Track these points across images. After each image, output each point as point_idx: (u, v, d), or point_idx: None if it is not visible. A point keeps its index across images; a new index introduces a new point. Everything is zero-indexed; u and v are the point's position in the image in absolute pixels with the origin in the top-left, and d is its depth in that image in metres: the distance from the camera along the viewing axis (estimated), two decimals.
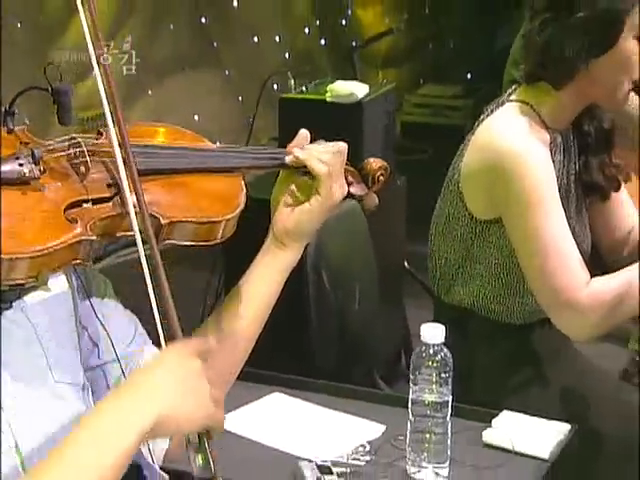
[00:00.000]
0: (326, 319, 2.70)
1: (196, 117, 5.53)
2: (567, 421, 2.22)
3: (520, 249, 2.41)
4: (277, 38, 6.15)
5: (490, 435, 2.16)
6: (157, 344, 1.54)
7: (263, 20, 6.09)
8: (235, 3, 5.85)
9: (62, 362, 1.61)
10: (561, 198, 2.45)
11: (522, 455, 2.12)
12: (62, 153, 1.59)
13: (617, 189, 2.62)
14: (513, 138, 2.40)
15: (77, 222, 1.53)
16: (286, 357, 2.31)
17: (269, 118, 4.47)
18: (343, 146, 1.79)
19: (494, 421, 2.20)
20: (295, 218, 1.77)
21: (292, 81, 4.08)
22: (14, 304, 1.56)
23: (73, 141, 1.59)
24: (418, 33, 7.24)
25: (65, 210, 1.53)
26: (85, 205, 1.56)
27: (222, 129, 5.36)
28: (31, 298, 1.60)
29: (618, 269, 2.48)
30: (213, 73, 5.67)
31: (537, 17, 2.45)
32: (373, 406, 2.29)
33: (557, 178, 2.47)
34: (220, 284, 4.01)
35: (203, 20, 5.74)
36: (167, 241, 1.59)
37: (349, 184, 1.86)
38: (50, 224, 1.53)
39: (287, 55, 6.18)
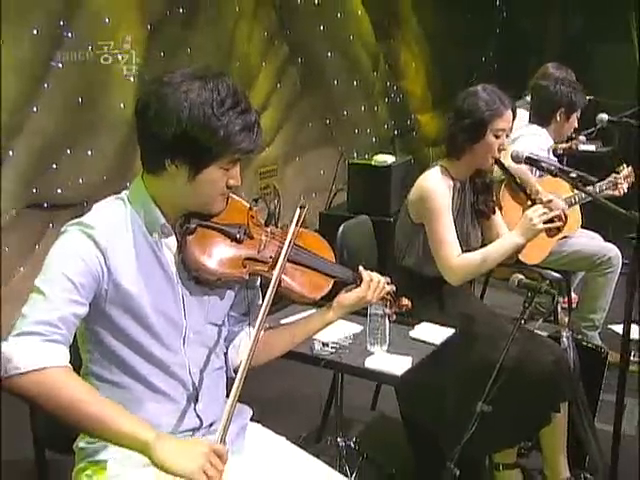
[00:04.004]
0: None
1: (321, 172, 5.51)
2: (454, 327, 2.29)
3: (430, 238, 2.44)
4: (368, 130, 6.08)
5: (414, 333, 2.26)
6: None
7: (361, 121, 6.00)
8: (345, 112, 5.79)
9: (214, 311, 1.63)
10: (458, 216, 2.49)
11: (427, 343, 2.20)
12: (261, 236, 1.63)
13: (494, 213, 2.61)
14: (430, 182, 2.46)
15: (245, 267, 1.58)
16: None
17: None
18: (385, 282, 1.83)
19: (416, 327, 2.30)
20: (343, 296, 1.79)
21: (355, 154, 4.25)
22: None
23: (270, 232, 1.65)
24: None
25: (244, 259, 1.58)
26: (253, 261, 1.60)
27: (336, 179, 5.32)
28: None
29: None
30: (332, 149, 5.65)
31: (450, 121, 2.49)
32: (359, 317, 2.23)
33: (455, 205, 2.48)
34: None
35: (327, 122, 5.71)
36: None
37: (388, 306, 1.93)
38: (232, 263, 1.57)
39: (374, 140, 6.11)
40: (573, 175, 2.16)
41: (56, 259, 1.44)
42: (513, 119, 2.46)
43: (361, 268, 1.82)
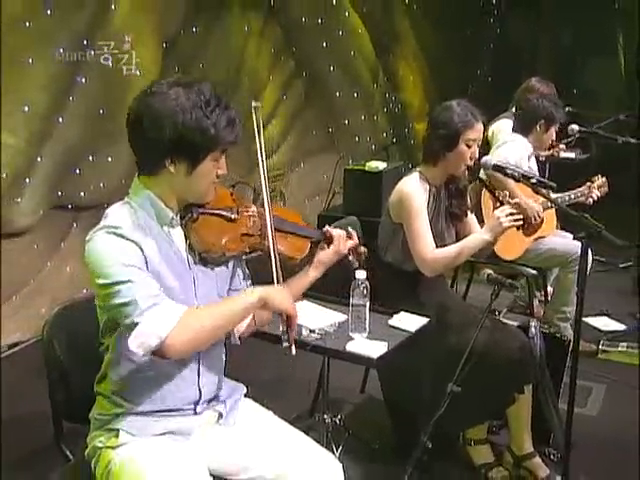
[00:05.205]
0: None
1: (325, 176, 5.48)
2: (431, 316, 2.32)
3: (408, 236, 2.51)
4: (368, 138, 6.11)
5: (392, 321, 2.30)
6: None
7: (361, 129, 6.05)
8: (346, 121, 5.85)
9: (220, 287, 1.74)
10: (433, 218, 2.54)
11: (403, 330, 2.24)
12: (247, 213, 1.75)
13: (466, 216, 2.68)
14: (408, 186, 2.53)
15: (243, 242, 1.71)
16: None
17: None
18: (352, 233, 1.93)
19: (395, 316, 2.33)
20: (323, 253, 1.89)
21: (351, 160, 4.28)
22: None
23: (255, 211, 1.75)
24: None
25: (241, 235, 1.71)
26: (248, 236, 1.72)
27: (336, 181, 5.26)
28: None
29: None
30: (334, 156, 5.63)
31: (427, 131, 2.56)
32: (345, 307, 2.29)
33: (430, 207, 2.53)
34: None
35: (330, 130, 5.77)
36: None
37: (352, 255, 1.97)
38: (233, 240, 1.69)
39: (373, 147, 6.13)
40: (534, 181, 2.24)
41: (106, 259, 1.50)
42: (484, 131, 2.53)
43: (327, 227, 1.92)
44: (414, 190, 2.52)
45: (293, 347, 1.62)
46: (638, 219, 4.01)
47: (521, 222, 2.45)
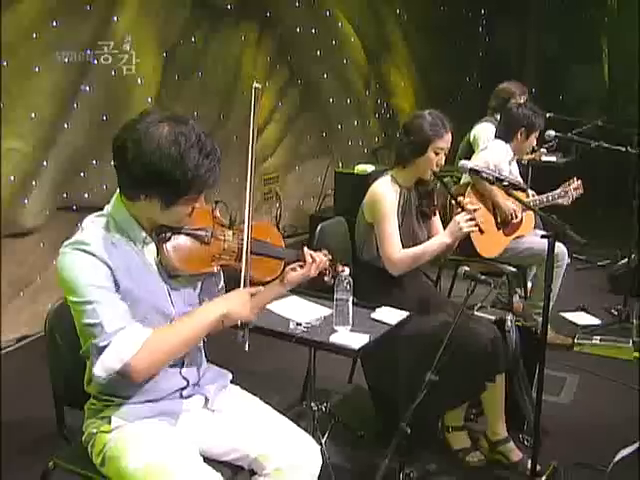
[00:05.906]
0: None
1: (319, 179, 5.60)
2: (409, 310, 2.34)
3: (377, 235, 2.55)
4: (360, 142, 6.17)
5: (374, 315, 2.33)
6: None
7: (354, 134, 6.10)
8: (339, 126, 5.90)
9: (193, 296, 1.74)
10: (405, 217, 2.58)
11: (385, 323, 2.27)
12: (223, 236, 1.72)
13: (434, 215, 2.73)
14: (379, 188, 2.58)
15: (214, 263, 1.69)
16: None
17: None
18: (323, 255, 1.93)
19: (377, 310, 2.35)
20: (291, 274, 1.88)
21: (341, 164, 4.33)
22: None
23: (230, 234, 1.74)
24: None
25: (212, 257, 1.68)
26: (220, 257, 1.70)
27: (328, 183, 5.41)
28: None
29: None
30: (327, 158, 5.74)
31: (400, 136, 2.62)
32: (329, 302, 2.29)
33: (401, 207, 2.57)
34: None
35: (324, 135, 5.82)
36: None
37: (326, 274, 1.98)
38: (203, 261, 1.67)
39: (365, 150, 6.18)
40: (505, 183, 2.31)
41: (76, 277, 1.51)
42: (452, 141, 2.59)
43: (305, 249, 1.92)
44: (384, 192, 2.56)
45: (247, 344, 1.64)
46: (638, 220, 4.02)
47: (476, 228, 2.49)
